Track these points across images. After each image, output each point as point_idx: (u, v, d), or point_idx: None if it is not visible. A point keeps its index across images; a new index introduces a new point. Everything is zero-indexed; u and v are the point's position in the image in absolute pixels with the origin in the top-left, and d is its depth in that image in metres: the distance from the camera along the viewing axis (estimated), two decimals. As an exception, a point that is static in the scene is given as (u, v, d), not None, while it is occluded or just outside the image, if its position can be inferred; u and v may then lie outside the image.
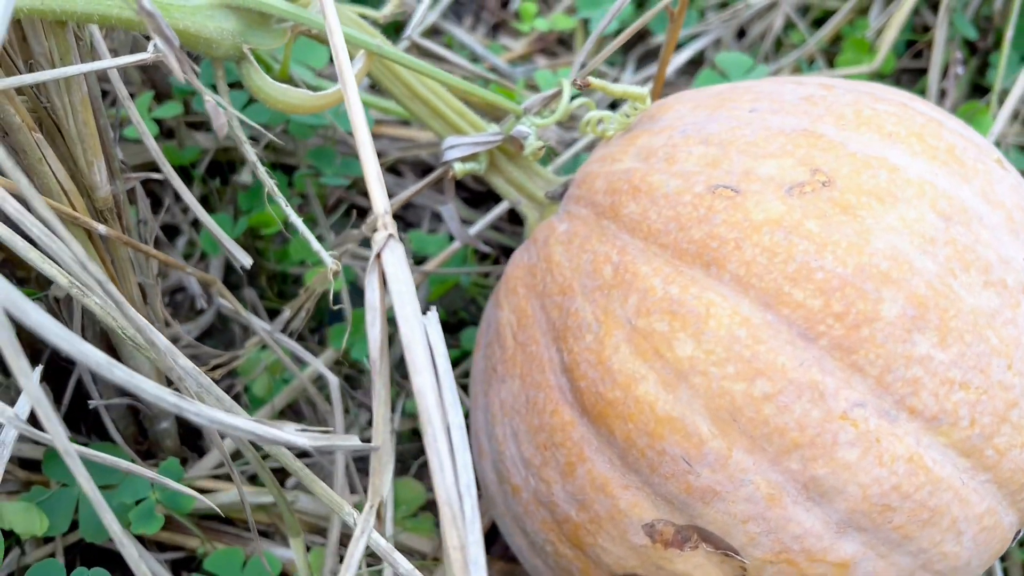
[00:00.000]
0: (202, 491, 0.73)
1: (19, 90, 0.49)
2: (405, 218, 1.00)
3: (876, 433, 0.49)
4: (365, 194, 0.98)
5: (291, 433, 0.37)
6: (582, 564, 0.57)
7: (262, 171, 0.61)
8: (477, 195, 1.01)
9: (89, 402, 0.66)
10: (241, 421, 0.36)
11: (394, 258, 0.40)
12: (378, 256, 0.40)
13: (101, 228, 0.54)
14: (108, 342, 0.65)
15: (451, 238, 0.91)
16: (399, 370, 0.87)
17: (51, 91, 0.50)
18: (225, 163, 0.93)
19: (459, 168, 0.70)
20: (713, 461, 0.50)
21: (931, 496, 0.49)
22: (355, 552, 0.40)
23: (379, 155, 1.00)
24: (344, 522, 0.57)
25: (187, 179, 0.89)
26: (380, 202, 0.41)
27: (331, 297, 0.60)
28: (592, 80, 0.62)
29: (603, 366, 0.53)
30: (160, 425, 0.69)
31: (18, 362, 0.30)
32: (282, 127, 0.84)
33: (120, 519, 0.65)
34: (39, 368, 0.49)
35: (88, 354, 0.34)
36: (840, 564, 0.50)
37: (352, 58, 0.60)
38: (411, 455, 0.85)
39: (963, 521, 0.51)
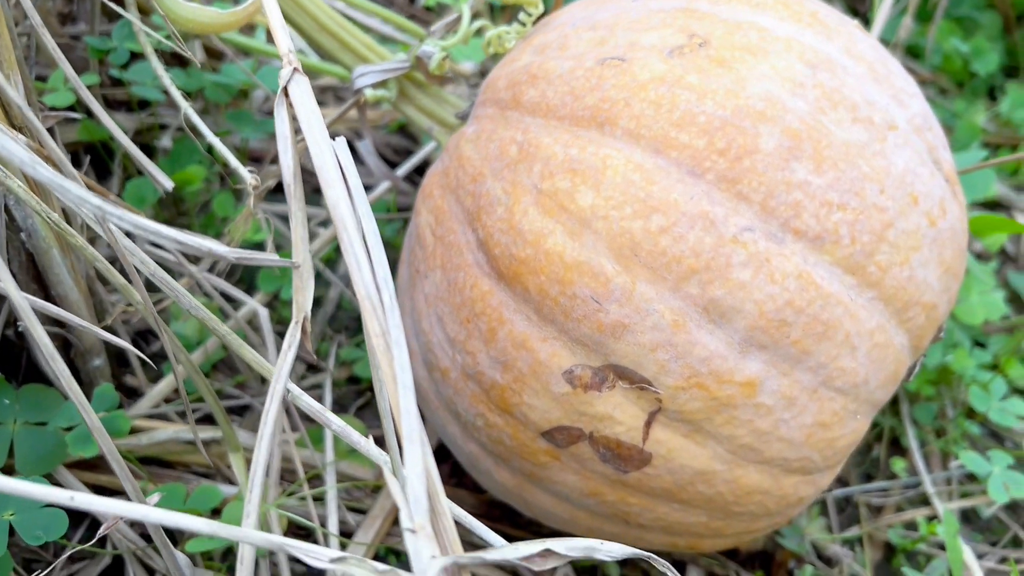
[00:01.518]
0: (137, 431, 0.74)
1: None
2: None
3: (765, 254, 0.53)
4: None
5: (213, 243, 0.40)
6: (511, 429, 0.59)
7: (182, 101, 0.63)
8: (401, 151, 1.05)
9: (19, 323, 0.66)
10: (164, 229, 0.39)
11: (300, 90, 0.43)
12: (285, 90, 0.43)
13: (21, 138, 0.55)
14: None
15: (389, 210, 0.94)
16: (332, 326, 0.89)
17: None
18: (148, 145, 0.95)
19: (370, 94, 0.73)
20: (620, 296, 0.53)
21: (823, 310, 0.53)
22: (283, 366, 0.42)
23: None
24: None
25: (109, 155, 0.91)
26: (284, 43, 0.44)
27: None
28: (486, -13, 0.67)
29: (514, 230, 0.57)
30: (93, 363, 0.70)
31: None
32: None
33: (56, 454, 0.66)
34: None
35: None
36: (747, 383, 0.54)
37: (258, -22, 0.64)
38: (350, 398, 0.87)
39: (856, 336, 0.55)
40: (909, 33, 1.11)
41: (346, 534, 0.76)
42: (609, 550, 0.45)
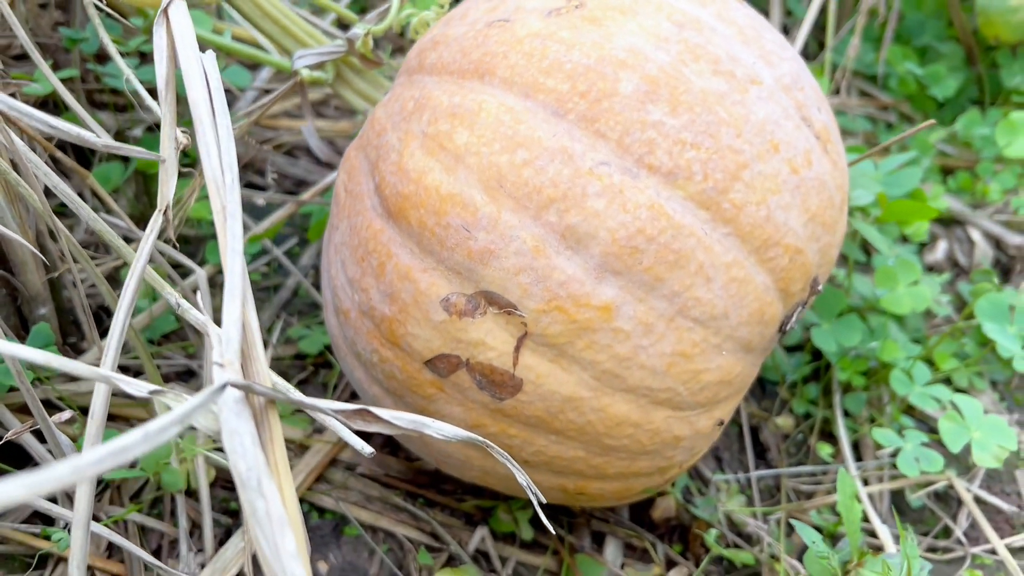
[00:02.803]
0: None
1: None
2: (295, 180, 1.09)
3: (619, 186, 0.57)
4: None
5: (83, 131, 0.45)
6: (400, 362, 0.63)
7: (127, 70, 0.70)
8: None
9: None
10: (43, 115, 0.44)
11: (178, 11, 0.49)
12: (166, 11, 0.49)
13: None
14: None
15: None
16: (286, 310, 0.95)
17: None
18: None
19: (306, 74, 0.79)
20: (487, 224, 0.58)
21: (674, 239, 0.57)
22: (144, 246, 0.47)
23: (271, 141, 1.10)
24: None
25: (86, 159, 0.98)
26: (168, -25, 0.50)
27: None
28: (402, -32, 0.73)
29: (402, 171, 0.62)
30: (38, 311, 0.76)
31: None
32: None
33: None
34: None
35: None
36: (603, 308, 0.57)
37: (196, -41, 0.71)
38: (295, 371, 0.91)
39: (710, 267, 0.58)
40: (857, 52, 1.16)
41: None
42: (440, 428, 0.49)
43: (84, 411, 0.80)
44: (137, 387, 0.40)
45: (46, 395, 0.77)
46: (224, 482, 0.80)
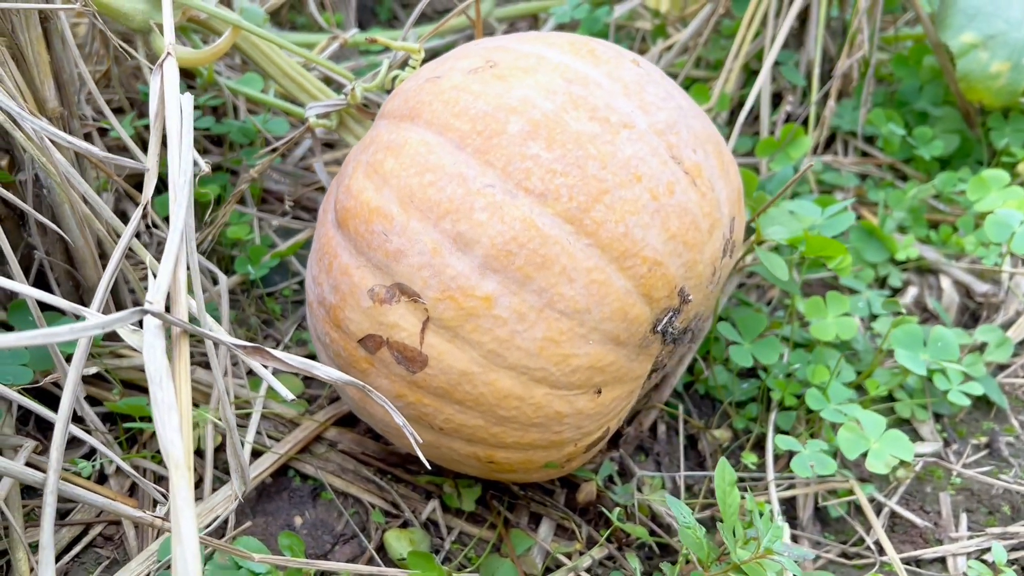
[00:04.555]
0: (120, 356, 0.99)
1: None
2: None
3: (500, 203, 0.73)
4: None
5: (84, 143, 0.65)
6: (343, 341, 0.80)
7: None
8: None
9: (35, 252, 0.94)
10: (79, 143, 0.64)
11: (170, 65, 0.69)
12: (161, 65, 0.69)
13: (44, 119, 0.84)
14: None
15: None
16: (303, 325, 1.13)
17: (17, 28, 0.83)
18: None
19: (313, 121, 0.99)
20: (399, 230, 0.74)
21: (541, 246, 0.72)
22: (128, 230, 0.66)
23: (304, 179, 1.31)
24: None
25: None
26: (168, 38, 0.70)
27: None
28: (376, 37, 0.92)
29: (348, 190, 0.79)
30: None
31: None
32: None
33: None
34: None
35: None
36: (485, 298, 0.73)
37: (222, 34, 0.92)
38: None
39: (572, 270, 0.73)
40: (833, 113, 1.27)
41: (258, 453, 0.97)
42: (328, 372, 0.65)
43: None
44: (81, 312, 0.58)
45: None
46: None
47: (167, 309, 0.59)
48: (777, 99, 1.47)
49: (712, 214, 0.80)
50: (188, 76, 1.19)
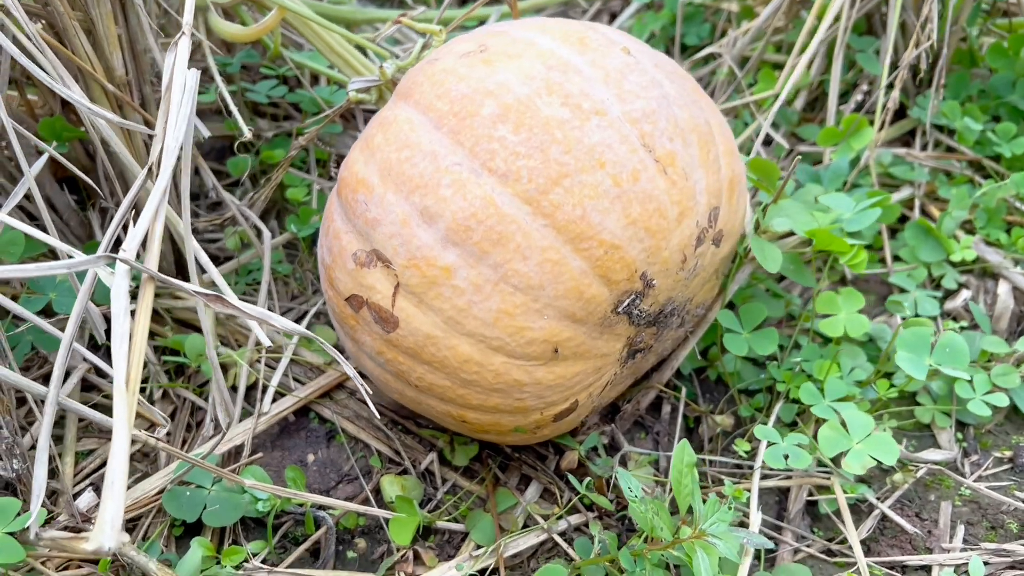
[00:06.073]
0: (176, 298, 1.12)
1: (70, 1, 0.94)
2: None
3: (464, 181, 0.78)
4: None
5: (68, 91, 0.75)
6: (336, 300, 0.88)
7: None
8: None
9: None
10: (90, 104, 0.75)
11: (183, 44, 0.78)
12: (175, 43, 0.79)
13: (110, 87, 0.97)
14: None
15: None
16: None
17: (89, 4, 0.95)
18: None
19: (354, 96, 1.07)
20: (378, 200, 0.81)
21: (499, 223, 0.77)
22: (137, 182, 0.76)
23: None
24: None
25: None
26: (188, 18, 0.80)
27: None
28: (403, 20, 0.99)
29: (346, 163, 0.87)
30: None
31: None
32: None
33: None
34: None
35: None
36: (445, 268, 0.78)
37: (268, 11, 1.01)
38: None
39: (527, 248, 0.77)
40: (895, 104, 1.22)
41: (285, 386, 1.07)
42: (283, 324, 0.73)
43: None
44: (75, 252, 0.69)
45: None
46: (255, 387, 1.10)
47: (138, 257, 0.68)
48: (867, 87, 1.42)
49: (683, 202, 0.82)
50: (255, 48, 1.30)
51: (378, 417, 1.02)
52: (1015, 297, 1.18)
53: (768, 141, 1.42)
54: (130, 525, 0.93)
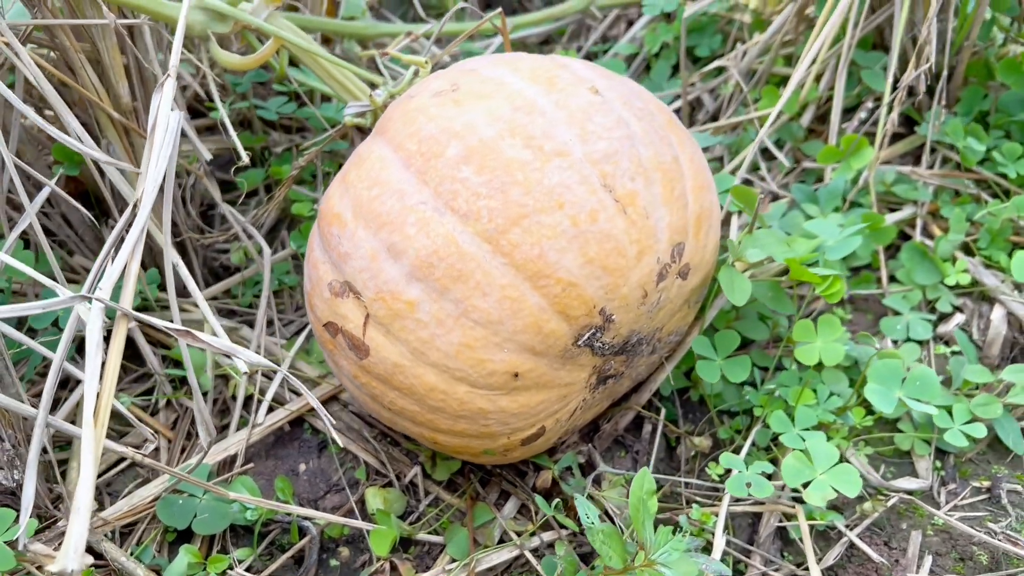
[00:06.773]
0: (185, 310, 1.18)
1: (76, 33, 1.00)
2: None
3: (429, 220, 0.81)
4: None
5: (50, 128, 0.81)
6: (316, 325, 0.93)
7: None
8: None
9: None
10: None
11: (168, 83, 0.83)
12: (162, 85, 0.83)
13: (115, 114, 1.02)
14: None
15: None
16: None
17: (96, 37, 1.00)
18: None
19: (349, 120, 1.11)
20: (350, 236, 0.85)
21: (459, 261, 0.80)
22: (122, 219, 0.82)
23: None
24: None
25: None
26: (175, 62, 0.85)
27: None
28: (391, 52, 1.02)
29: (327, 202, 0.91)
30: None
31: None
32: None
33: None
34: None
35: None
36: (410, 302, 0.82)
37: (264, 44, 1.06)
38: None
39: (487, 285, 0.80)
40: (893, 125, 1.22)
41: (281, 397, 1.13)
42: (248, 356, 0.78)
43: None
44: (59, 289, 0.74)
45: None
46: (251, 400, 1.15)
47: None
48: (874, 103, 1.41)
49: (642, 241, 0.84)
50: (265, 69, 1.35)
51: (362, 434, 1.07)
52: (1009, 323, 1.17)
53: (772, 157, 1.42)
54: (126, 530, 0.99)
